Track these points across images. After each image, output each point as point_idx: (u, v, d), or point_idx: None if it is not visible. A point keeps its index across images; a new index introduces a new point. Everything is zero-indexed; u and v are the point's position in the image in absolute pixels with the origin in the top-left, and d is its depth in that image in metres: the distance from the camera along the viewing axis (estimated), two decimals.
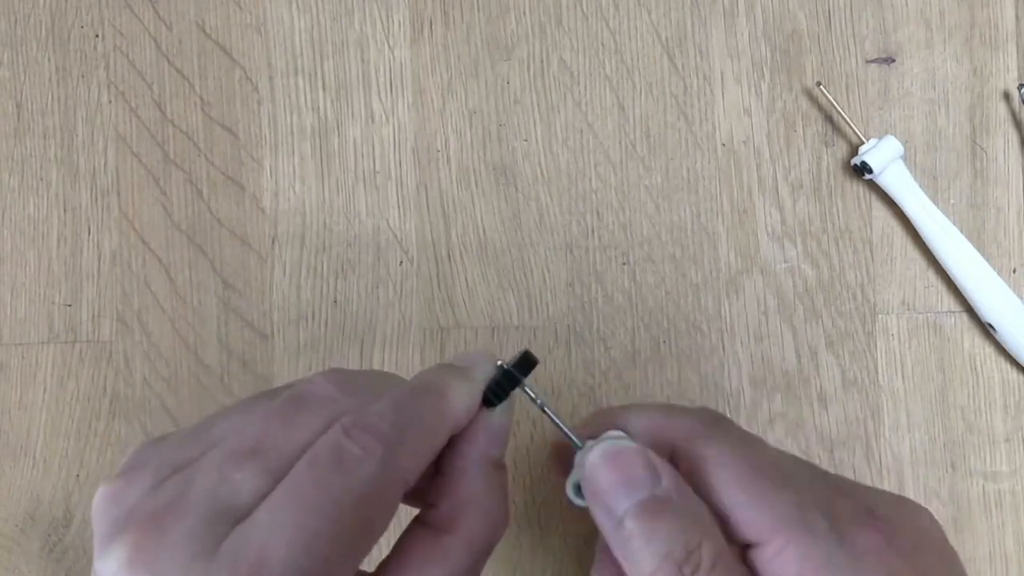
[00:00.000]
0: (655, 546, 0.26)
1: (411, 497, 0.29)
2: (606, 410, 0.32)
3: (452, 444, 0.29)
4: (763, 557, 0.26)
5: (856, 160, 0.43)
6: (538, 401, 0.30)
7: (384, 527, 0.26)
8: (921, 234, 0.44)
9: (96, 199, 0.45)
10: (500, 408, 0.30)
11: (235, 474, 0.24)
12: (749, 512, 0.27)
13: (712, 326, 0.44)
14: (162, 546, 0.23)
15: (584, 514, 0.44)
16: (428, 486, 0.29)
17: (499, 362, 0.30)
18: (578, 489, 0.29)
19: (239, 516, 0.23)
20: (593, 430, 0.30)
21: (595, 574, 0.30)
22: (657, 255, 0.45)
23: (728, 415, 0.44)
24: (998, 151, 0.45)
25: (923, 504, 0.30)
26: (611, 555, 0.28)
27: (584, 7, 0.45)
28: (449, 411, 0.28)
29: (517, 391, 0.30)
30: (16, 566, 0.44)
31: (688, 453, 0.28)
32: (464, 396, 0.29)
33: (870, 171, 0.43)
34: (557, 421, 0.30)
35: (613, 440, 0.29)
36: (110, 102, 0.46)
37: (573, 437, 0.30)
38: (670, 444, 0.29)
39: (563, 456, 0.31)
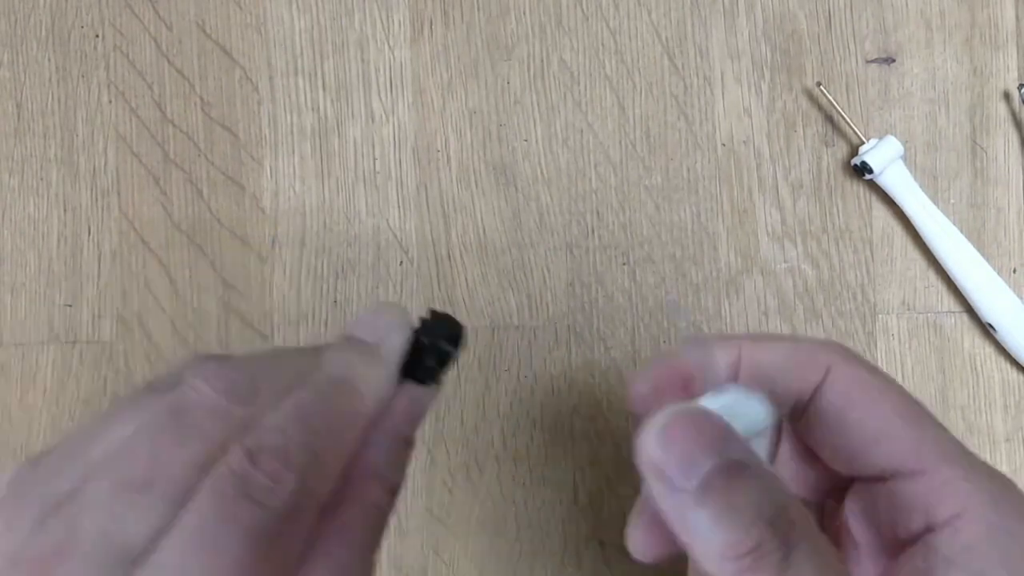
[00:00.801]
0: (741, 509, 0.22)
1: None
2: (718, 339, 0.28)
3: None
4: (919, 487, 0.25)
5: (856, 160, 0.43)
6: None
7: (300, 553, 0.23)
8: (921, 234, 0.44)
9: (96, 199, 0.45)
10: (425, 389, 0.27)
11: (127, 512, 0.21)
12: (909, 441, 0.25)
13: (712, 326, 0.44)
14: None
15: (583, 514, 0.44)
16: None
17: (416, 326, 0.27)
18: None
19: (135, 557, 0.21)
20: (701, 358, 0.27)
21: (634, 534, 0.26)
22: (657, 255, 0.45)
23: None
24: (998, 151, 0.45)
25: None
26: (653, 520, 0.25)
27: (584, 7, 0.45)
28: (363, 410, 0.25)
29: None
30: None
31: (837, 378, 0.26)
32: (378, 387, 0.26)
33: (870, 171, 0.43)
34: None
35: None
36: (110, 102, 0.46)
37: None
38: (815, 372, 0.26)
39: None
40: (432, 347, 0.27)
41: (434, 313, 0.28)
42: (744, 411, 0.25)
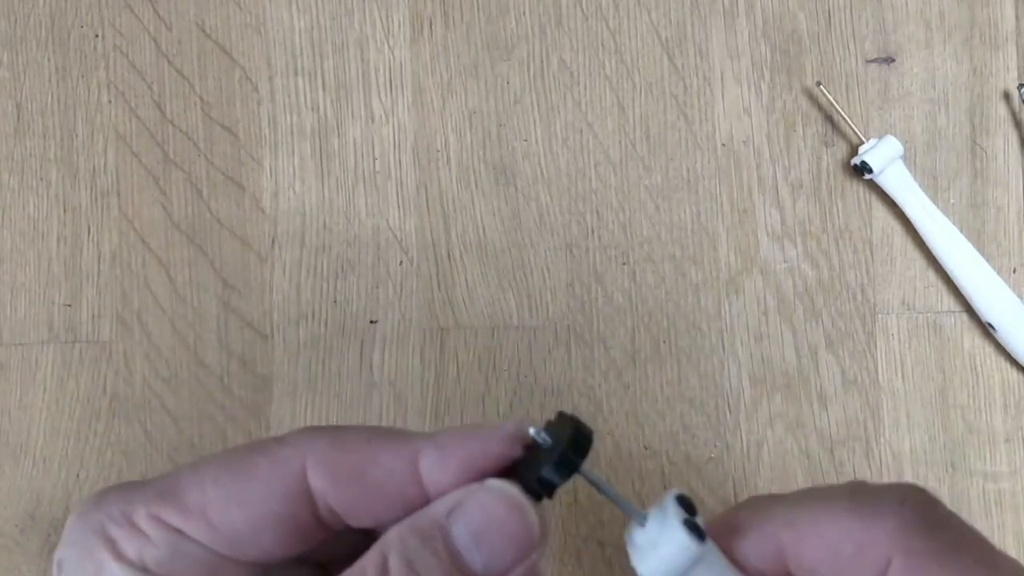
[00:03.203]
0: None
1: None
2: (765, 504, 0.24)
3: None
4: None
5: (856, 160, 0.43)
6: (600, 483, 0.24)
7: None
8: (921, 234, 0.44)
9: (96, 199, 0.45)
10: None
11: None
12: None
13: (712, 326, 0.44)
14: None
15: (583, 514, 0.45)
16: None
17: (537, 437, 0.23)
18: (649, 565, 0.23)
19: None
20: (738, 528, 0.24)
21: None
22: (657, 255, 0.45)
23: (728, 415, 0.44)
24: (998, 151, 0.45)
25: None
26: None
27: (584, 7, 0.45)
28: None
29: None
30: (16, 566, 0.44)
31: (908, 569, 0.22)
32: None
33: (870, 171, 0.43)
34: (618, 499, 0.24)
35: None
36: (110, 102, 0.46)
37: (632, 513, 0.24)
38: (874, 565, 0.22)
39: None
40: (558, 456, 0.23)
41: (560, 416, 0.24)
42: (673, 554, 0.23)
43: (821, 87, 0.44)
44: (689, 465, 0.44)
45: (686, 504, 0.24)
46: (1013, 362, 0.44)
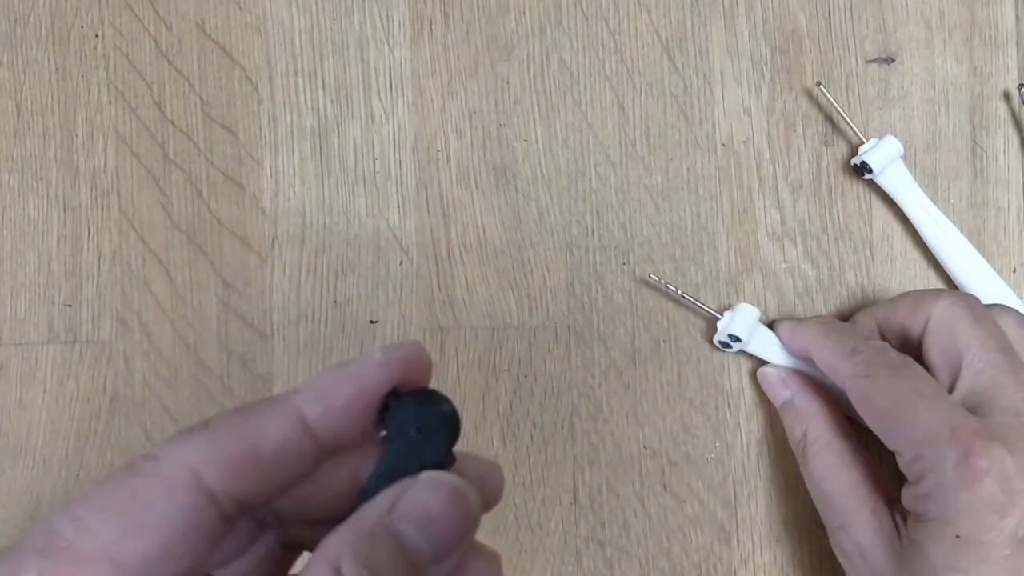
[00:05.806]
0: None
1: None
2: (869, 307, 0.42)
3: None
4: None
5: (856, 160, 0.43)
6: (678, 290, 0.42)
7: None
8: (921, 234, 0.44)
9: (96, 199, 0.45)
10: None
11: None
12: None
13: (712, 326, 0.44)
14: None
15: (583, 514, 0.44)
16: None
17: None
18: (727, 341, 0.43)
19: None
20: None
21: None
22: (657, 255, 0.45)
23: (728, 415, 0.44)
24: (998, 151, 0.45)
25: None
26: None
27: (584, 7, 0.45)
28: None
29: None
30: None
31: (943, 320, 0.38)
32: None
33: (870, 171, 0.43)
34: (695, 301, 0.42)
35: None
36: (110, 102, 0.46)
37: (711, 311, 0.43)
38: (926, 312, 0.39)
39: None
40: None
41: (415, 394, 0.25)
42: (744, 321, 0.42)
43: (821, 87, 0.44)
44: (689, 465, 0.44)
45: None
46: None
